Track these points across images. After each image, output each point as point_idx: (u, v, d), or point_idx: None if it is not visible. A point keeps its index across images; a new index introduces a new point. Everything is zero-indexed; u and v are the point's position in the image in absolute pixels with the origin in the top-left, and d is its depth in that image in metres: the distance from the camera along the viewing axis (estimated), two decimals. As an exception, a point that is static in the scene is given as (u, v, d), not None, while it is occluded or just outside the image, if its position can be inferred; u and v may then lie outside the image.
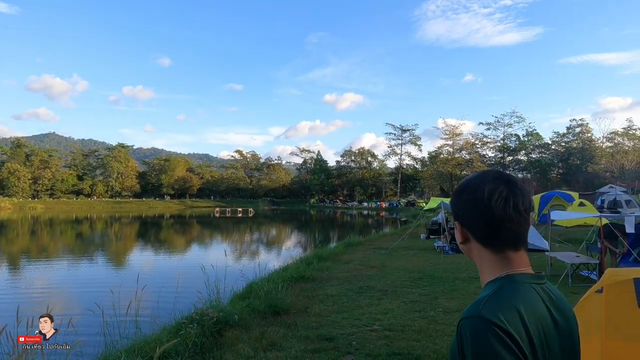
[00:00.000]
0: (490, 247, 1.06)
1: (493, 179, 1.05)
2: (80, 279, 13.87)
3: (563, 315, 1.02)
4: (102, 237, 31.19)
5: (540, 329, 0.94)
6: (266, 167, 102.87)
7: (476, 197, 1.05)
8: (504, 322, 0.88)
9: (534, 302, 0.97)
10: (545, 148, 74.78)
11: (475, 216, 1.05)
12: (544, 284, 1.05)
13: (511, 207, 1.01)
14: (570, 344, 1.02)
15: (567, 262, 9.27)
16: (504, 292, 0.97)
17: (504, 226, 1.02)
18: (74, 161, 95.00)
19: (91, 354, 5.12)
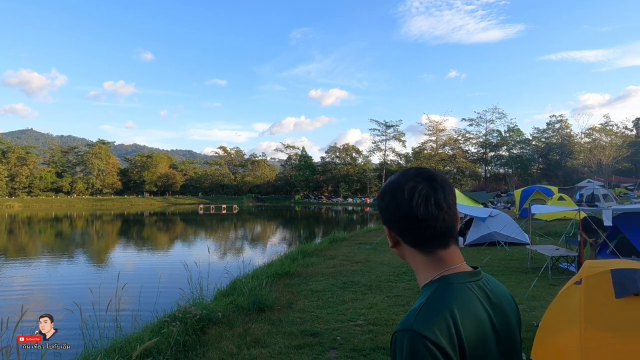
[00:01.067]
0: (420, 249, 1.03)
1: (413, 178, 1.02)
2: (59, 278, 13.56)
3: (499, 311, 1.02)
4: (82, 236, 30.58)
5: (477, 333, 0.93)
6: (250, 163, 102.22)
7: (397, 198, 1.02)
8: (437, 336, 0.88)
9: (470, 304, 0.96)
10: (526, 144, 76.25)
11: (399, 218, 1.02)
12: (480, 280, 1.04)
13: (433, 204, 0.98)
14: (508, 341, 1.02)
15: (547, 255, 9.45)
16: (437, 298, 0.96)
17: (429, 225, 0.99)
18: (52, 158, 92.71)
19: (70, 354, 4.99)
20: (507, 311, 1.04)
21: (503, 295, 1.06)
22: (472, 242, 14.48)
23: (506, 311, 1.03)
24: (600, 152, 54.69)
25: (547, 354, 4.27)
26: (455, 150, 78.06)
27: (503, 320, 1.01)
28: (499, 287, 1.08)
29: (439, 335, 0.88)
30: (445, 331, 0.89)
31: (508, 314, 1.04)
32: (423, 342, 0.87)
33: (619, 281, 3.98)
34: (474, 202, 22.23)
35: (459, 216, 1.07)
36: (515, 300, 1.12)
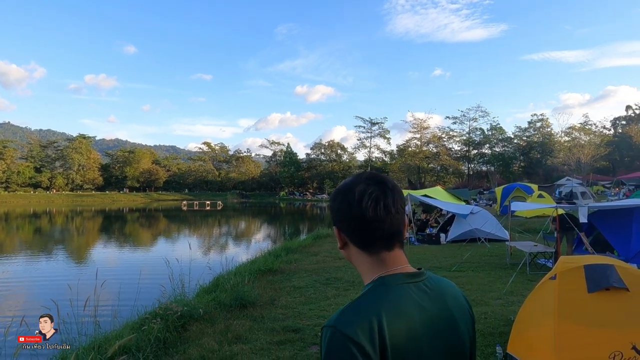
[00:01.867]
0: (365, 250, 1.06)
1: (364, 181, 1.06)
2: (36, 275, 13.28)
3: (443, 310, 1.03)
4: (61, 232, 29.96)
5: (406, 332, 0.95)
6: (235, 159, 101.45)
7: (348, 200, 1.04)
8: (358, 335, 0.89)
9: (402, 305, 0.98)
10: (508, 142, 77.51)
11: (349, 219, 1.04)
12: (423, 281, 1.05)
13: (382, 207, 1.01)
14: (452, 338, 1.03)
15: (525, 251, 9.66)
16: (368, 298, 0.98)
17: (376, 227, 1.02)
18: (31, 152, 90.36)
19: (47, 353, 4.91)
20: (452, 312, 1.05)
21: (450, 296, 1.07)
22: (453, 239, 14.69)
23: (451, 312, 1.04)
24: (579, 151, 55.89)
25: (523, 347, 4.38)
26: (439, 147, 78.85)
27: (446, 320, 1.03)
28: (447, 288, 1.09)
29: (359, 334, 0.90)
30: (367, 330, 0.90)
31: (453, 314, 1.05)
32: (342, 340, 0.89)
33: (592, 276, 4.10)
34: (456, 199, 22.56)
35: (406, 221, 1.11)
36: (469, 301, 1.14)
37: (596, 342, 3.76)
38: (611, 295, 3.97)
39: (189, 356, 4.86)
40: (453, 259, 11.26)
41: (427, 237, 15.08)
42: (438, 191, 23.81)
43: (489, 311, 6.33)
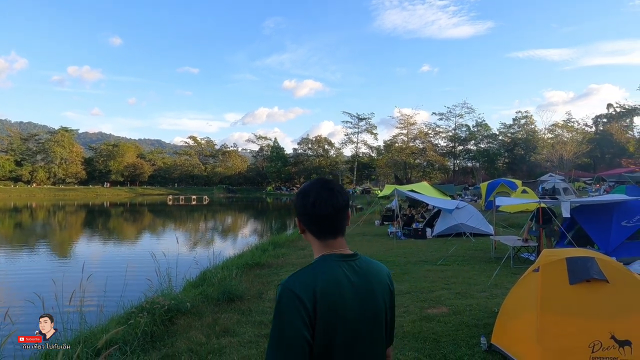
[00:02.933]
0: (316, 236, 1.44)
1: (318, 187, 1.44)
2: (19, 270, 13.04)
3: (367, 283, 1.40)
4: (44, 226, 29.41)
5: (332, 293, 1.31)
6: (221, 154, 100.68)
7: (304, 200, 1.43)
8: (297, 288, 1.28)
9: (333, 273, 1.35)
10: (493, 138, 78.56)
11: (306, 214, 1.43)
12: (354, 261, 1.42)
13: (329, 207, 1.40)
14: (371, 304, 1.40)
15: (509, 245, 9.84)
16: (311, 267, 1.38)
17: (324, 222, 1.41)
18: (11, 145, 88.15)
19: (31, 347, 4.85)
20: (372, 285, 1.41)
21: (373, 274, 1.44)
22: (439, 233, 14.87)
23: (372, 285, 1.41)
24: (562, 148, 56.90)
25: (507, 338, 4.49)
26: (426, 143, 79.51)
27: (366, 291, 1.39)
28: (373, 268, 1.47)
29: (301, 290, 1.27)
30: (304, 287, 1.28)
31: (373, 287, 1.41)
32: (289, 293, 1.28)
33: (573, 268, 4.21)
34: (442, 195, 22.80)
35: (349, 215, 1.50)
36: (391, 279, 1.53)
37: (577, 331, 3.88)
38: (592, 286, 4.09)
39: (177, 349, 4.85)
40: (439, 253, 11.41)
41: (413, 232, 15.24)
42: (424, 186, 24.04)
43: (474, 303, 6.45)
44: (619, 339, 3.80)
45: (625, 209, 9.09)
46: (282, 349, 1.23)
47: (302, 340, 1.24)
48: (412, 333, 5.24)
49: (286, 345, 1.23)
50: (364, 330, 1.36)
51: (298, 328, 1.24)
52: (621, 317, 3.93)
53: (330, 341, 1.28)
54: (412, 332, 5.28)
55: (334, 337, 1.28)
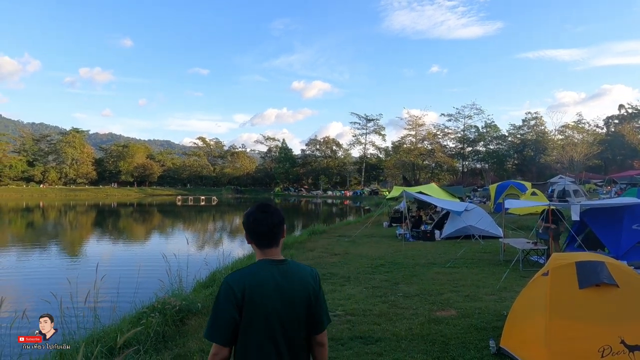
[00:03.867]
0: (257, 246, 1.91)
1: (257, 210, 1.92)
2: (35, 269, 13.28)
3: (289, 282, 1.82)
4: (57, 227, 29.82)
5: (256, 288, 1.76)
6: (230, 154, 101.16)
7: (246, 220, 1.91)
8: (233, 283, 1.77)
9: (263, 274, 1.80)
10: (502, 139, 77.99)
11: (249, 231, 1.91)
12: (283, 265, 1.86)
13: (265, 226, 1.87)
14: (289, 302, 1.79)
15: (518, 248, 9.80)
16: (248, 268, 1.85)
17: (262, 236, 1.88)
18: (23, 146, 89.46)
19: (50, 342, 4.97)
20: (294, 283, 1.83)
21: (297, 276, 1.86)
22: (448, 235, 14.84)
23: (293, 283, 1.83)
24: (572, 149, 56.37)
25: (515, 341, 4.50)
26: (434, 145, 79.16)
27: (288, 287, 1.81)
28: (298, 271, 1.89)
29: (234, 283, 1.76)
30: (237, 282, 1.77)
31: (294, 285, 1.82)
32: (226, 285, 1.77)
33: (583, 273, 4.21)
34: (451, 196, 22.72)
35: (284, 230, 1.95)
36: (315, 280, 1.92)
37: (586, 336, 3.88)
38: (601, 291, 4.09)
39: (189, 349, 4.93)
40: (447, 256, 11.40)
41: (421, 234, 15.21)
42: (433, 188, 23.98)
43: (483, 306, 6.46)
44: (628, 344, 3.80)
45: (636, 212, 9.00)
46: (214, 325, 1.76)
47: (231, 319, 1.74)
48: (420, 335, 5.26)
49: (217, 322, 1.75)
50: (282, 314, 1.78)
51: (229, 310, 1.74)
52: (631, 322, 3.93)
53: (251, 319, 1.75)
54: (420, 334, 5.30)
55: (255, 316, 1.75)
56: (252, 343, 1.75)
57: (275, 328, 1.75)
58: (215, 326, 1.74)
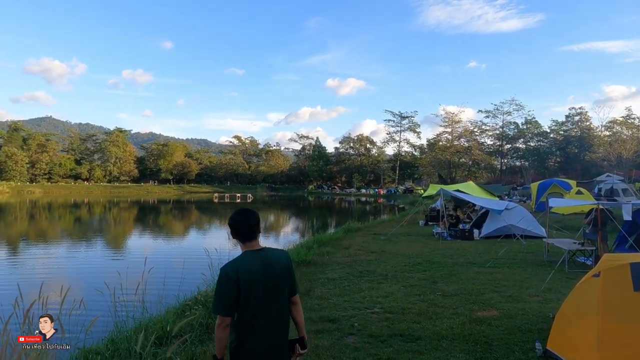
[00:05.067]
0: (240, 241, 2.46)
1: (238, 213, 2.47)
2: (87, 261, 14.01)
3: (269, 266, 2.39)
4: (104, 222, 31.30)
5: (248, 273, 2.31)
6: (265, 153, 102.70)
7: (231, 220, 2.46)
8: (230, 270, 2.31)
9: (249, 261, 2.37)
10: (544, 136, 74.95)
11: (232, 230, 2.46)
12: (262, 252, 2.44)
13: (244, 226, 2.43)
14: (271, 278, 2.39)
15: (564, 249, 9.42)
16: (238, 258, 2.40)
17: (242, 234, 2.43)
18: (71, 145, 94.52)
19: (101, 331, 5.26)
20: (272, 264, 2.42)
21: (273, 257, 2.46)
22: (487, 235, 14.45)
23: (271, 264, 2.41)
24: (621, 146, 53.42)
25: (564, 344, 4.34)
26: (471, 142, 77.14)
27: (268, 268, 2.39)
28: (274, 254, 2.49)
29: (230, 270, 2.31)
30: (232, 268, 2.32)
31: (272, 265, 2.41)
32: (223, 272, 2.32)
33: (638, 274, 4.00)
34: (489, 195, 22.12)
35: (259, 227, 2.49)
36: (288, 258, 2.56)
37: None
38: (659, 294, 3.87)
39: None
40: (487, 255, 11.11)
41: (460, 233, 14.89)
42: (471, 186, 23.41)
43: (527, 307, 6.27)
44: (689, 350, 3.59)
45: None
46: (219, 302, 2.31)
47: (230, 296, 2.29)
48: (461, 335, 5.18)
49: (221, 300, 2.31)
50: (268, 288, 2.38)
51: (228, 290, 2.29)
52: (692, 327, 3.70)
53: (248, 294, 2.31)
54: (462, 334, 5.22)
55: (250, 293, 2.32)
56: (249, 310, 2.34)
57: (264, 297, 2.37)
58: (220, 303, 2.31)
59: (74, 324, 4.07)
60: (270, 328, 2.41)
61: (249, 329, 2.37)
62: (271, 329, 2.42)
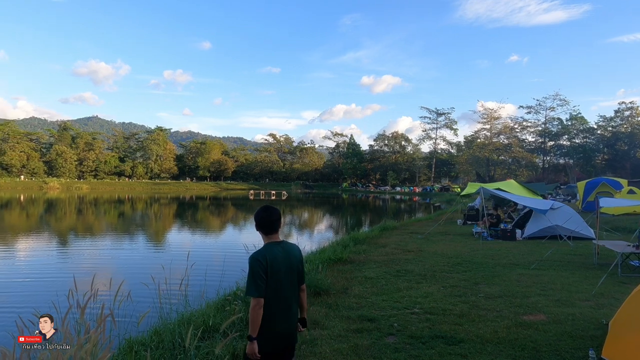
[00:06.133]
0: (263, 234, 2.85)
1: (263, 210, 2.85)
2: (132, 255, 14.58)
3: (288, 256, 2.80)
4: (146, 217, 32.49)
5: (273, 260, 2.69)
6: (299, 150, 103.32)
7: (257, 217, 2.85)
8: (259, 257, 2.69)
9: (273, 250, 2.74)
10: (590, 133, 71.13)
11: (257, 224, 2.85)
12: (282, 244, 2.83)
13: (267, 220, 2.81)
14: (290, 266, 2.80)
15: (617, 252, 8.89)
16: (264, 248, 2.78)
17: (265, 227, 2.82)
18: (115, 144, 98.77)
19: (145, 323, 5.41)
20: (290, 255, 2.83)
21: (291, 250, 2.88)
22: (531, 235, 13.90)
23: (289, 254, 2.83)
24: (677, 143, 49.95)
25: (621, 353, 4.09)
26: (511, 139, 74.39)
27: (287, 257, 2.80)
28: (291, 247, 2.91)
29: (260, 256, 2.69)
30: (262, 256, 2.69)
31: (290, 255, 2.83)
32: (254, 259, 2.69)
33: None
34: (532, 194, 21.26)
35: (281, 222, 2.88)
36: (300, 252, 3.01)
37: None
38: None
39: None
40: (531, 257, 10.68)
41: (501, 233, 14.39)
42: (512, 185, 22.57)
43: (577, 312, 5.96)
44: None
45: None
46: (254, 285, 2.62)
47: (263, 280, 2.63)
48: (507, 339, 4.98)
49: (256, 283, 2.62)
50: (287, 274, 2.78)
51: (260, 275, 2.63)
52: None
53: (274, 277, 2.68)
54: (507, 338, 5.02)
55: (274, 276, 2.68)
56: (274, 293, 2.71)
57: (283, 282, 2.75)
58: (254, 286, 2.62)
59: (122, 315, 4.22)
60: (290, 309, 2.84)
61: (274, 310, 2.72)
62: (290, 310, 2.84)
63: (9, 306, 8.13)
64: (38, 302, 6.93)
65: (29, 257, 14.20)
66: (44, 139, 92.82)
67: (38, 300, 7.77)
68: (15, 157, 79.50)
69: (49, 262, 13.15)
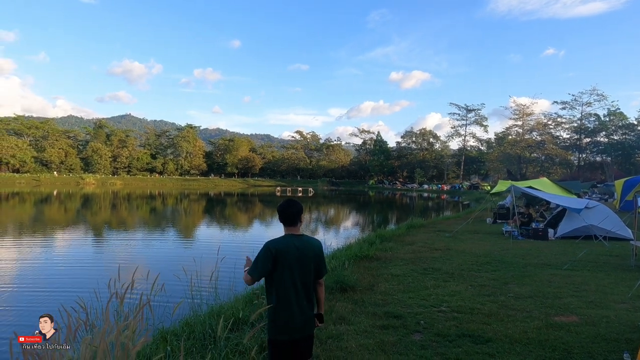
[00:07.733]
0: (285, 225, 2.97)
1: (285, 203, 2.97)
2: (164, 249, 15.08)
3: (302, 249, 2.87)
4: (178, 212, 33.37)
5: (284, 252, 2.81)
6: (326, 147, 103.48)
7: (279, 209, 2.97)
8: (270, 245, 2.83)
9: (288, 242, 2.86)
10: (630, 129, 67.91)
11: (280, 216, 2.96)
12: (300, 237, 2.93)
13: (288, 213, 2.94)
14: (302, 259, 2.86)
15: (656, 253, 8.54)
16: (280, 238, 2.91)
17: (287, 219, 2.95)
18: (147, 141, 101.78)
19: (177, 314, 5.61)
20: (306, 248, 2.90)
21: (308, 243, 2.94)
22: (564, 235, 13.49)
23: (305, 248, 2.90)
24: None
25: (658, 357, 3.95)
26: (544, 135, 71.98)
27: (303, 249, 2.88)
28: (309, 241, 2.98)
29: (272, 245, 2.83)
30: (274, 245, 2.83)
31: (305, 248, 2.90)
32: (266, 247, 2.84)
33: None
34: (566, 192, 20.57)
35: (302, 216, 3.02)
36: (319, 247, 3.03)
37: None
38: None
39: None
40: (564, 257, 10.37)
41: (532, 232, 14.02)
42: (544, 183, 21.88)
43: (612, 315, 5.77)
44: None
45: None
46: (256, 268, 2.80)
47: (266, 267, 2.79)
48: (537, 340, 4.89)
49: (258, 266, 2.80)
50: (299, 266, 2.84)
51: (266, 261, 2.79)
52: None
53: (282, 267, 2.80)
54: (537, 339, 4.93)
55: (282, 265, 2.80)
56: (280, 284, 2.82)
57: (294, 275, 2.83)
58: (256, 268, 2.81)
59: (155, 306, 4.41)
60: (301, 301, 2.87)
61: (284, 301, 2.83)
62: (301, 302, 2.88)
63: (55, 290, 8.58)
64: (82, 288, 7.32)
65: (73, 247, 15.20)
66: (80, 136, 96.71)
67: (82, 286, 8.21)
68: (54, 154, 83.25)
69: (90, 253, 14.12)
